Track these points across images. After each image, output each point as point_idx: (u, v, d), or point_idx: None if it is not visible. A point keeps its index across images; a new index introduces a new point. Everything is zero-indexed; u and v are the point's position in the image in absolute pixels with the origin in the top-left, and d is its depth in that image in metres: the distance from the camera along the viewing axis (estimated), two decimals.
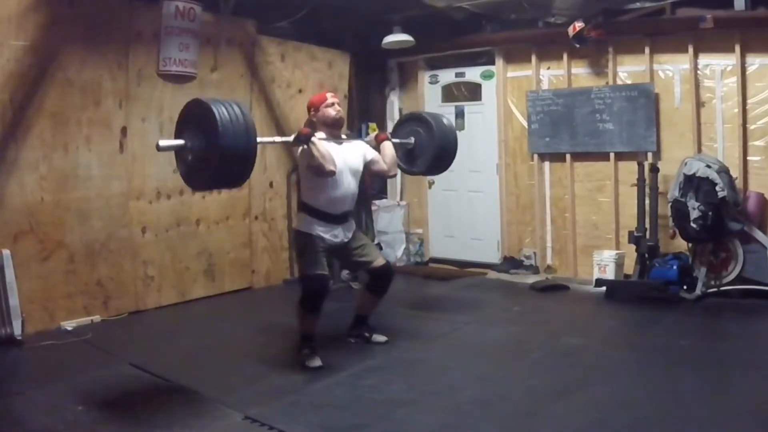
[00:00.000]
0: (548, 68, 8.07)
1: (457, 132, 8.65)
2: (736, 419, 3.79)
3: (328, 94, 5.20)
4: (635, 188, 7.09)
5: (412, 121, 5.93)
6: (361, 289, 5.73)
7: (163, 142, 4.16)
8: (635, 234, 7.03)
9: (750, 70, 6.80)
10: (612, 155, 7.58)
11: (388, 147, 5.36)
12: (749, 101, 6.80)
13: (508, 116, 8.41)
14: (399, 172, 6.63)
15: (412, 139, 5.75)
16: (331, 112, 5.09)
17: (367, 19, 8.23)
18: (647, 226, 6.97)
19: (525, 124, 8.21)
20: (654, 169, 6.99)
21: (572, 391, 4.33)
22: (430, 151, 5.72)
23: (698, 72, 7.07)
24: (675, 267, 6.74)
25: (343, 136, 5.34)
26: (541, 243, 8.23)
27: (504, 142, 8.44)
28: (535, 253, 8.27)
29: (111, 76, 6.26)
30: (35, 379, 4.71)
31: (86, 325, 6.00)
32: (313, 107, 5.15)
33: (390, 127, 9.37)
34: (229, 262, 7.41)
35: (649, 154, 7.31)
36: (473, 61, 8.67)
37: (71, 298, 6.02)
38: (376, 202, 8.72)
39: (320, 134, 4.98)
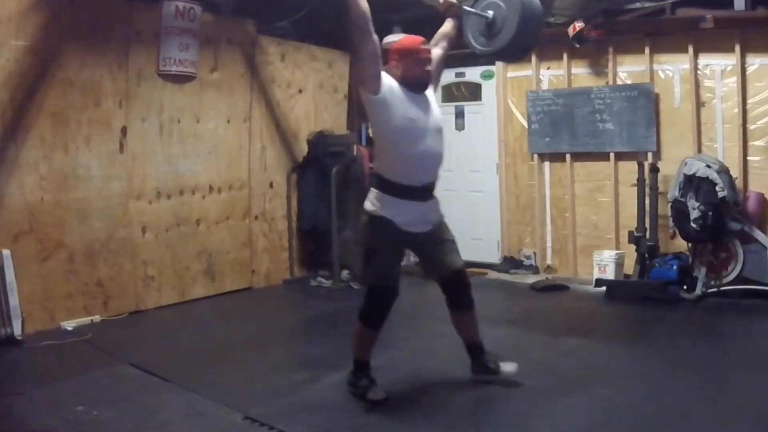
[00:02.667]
0: (548, 68, 8.07)
1: (457, 132, 8.80)
2: (736, 419, 3.78)
3: (422, 45, 4.21)
4: (635, 188, 7.09)
5: None
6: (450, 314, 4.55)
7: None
8: (635, 234, 7.03)
9: (750, 70, 6.80)
10: (612, 155, 7.58)
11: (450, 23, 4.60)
12: (749, 101, 6.81)
13: (508, 116, 8.41)
14: None
15: (491, 12, 4.54)
16: (419, 71, 4.13)
17: None
18: (647, 226, 6.97)
19: (525, 124, 8.21)
20: (654, 169, 6.99)
21: (572, 391, 4.33)
22: (513, 22, 4.44)
23: (698, 72, 7.07)
24: (675, 267, 6.74)
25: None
26: (541, 243, 8.23)
27: (504, 142, 8.44)
28: (535, 253, 8.27)
29: (111, 76, 6.25)
30: (35, 379, 4.70)
31: (86, 325, 5.99)
32: (397, 55, 4.20)
33: None
34: (229, 262, 7.41)
35: (649, 154, 7.31)
36: (473, 61, 8.61)
37: (71, 298, 6.02)
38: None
39: (392, 82, 4.09)
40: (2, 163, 5.56)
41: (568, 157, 7.90)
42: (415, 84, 4.11)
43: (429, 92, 4.26)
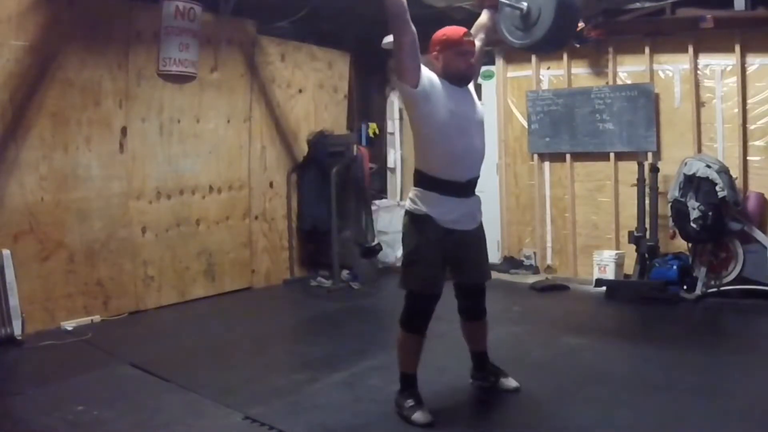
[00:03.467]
0: (548, 68, 8.07)
1: None
2: (736, 419, 3.78)
3: (465, 36, 3.98)
4: (635, 188, 7.09)
5: None
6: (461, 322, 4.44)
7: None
8: (635, 234, 7.03)
9: (750, 70, 6.80)
10: (612, 155, 7.58)
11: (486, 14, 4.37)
12: (749, 101, 6.81)
13: (508, 116, 8.41)
14: None
15: (525, 3, 4.31)
16: (461, 64, 3.94)
17: (366, 19, 8.21)
18: (647, 226, 6.97)
19: (525, 124, 8.21)
20: (654, 169, 6.99)
21: (572, 391, 4.33)
22: (549, 12, 4.23)
23: (698, 72, 7.07)
24: (675, 267, 6.75)
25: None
26: (541, 243, 8.23)
27: (504, 142, 8.44)
28: (535, 253, 8.27)
29: (111, 76, 6.25)
30: (35, 379, 4.70)
31: (86, 325, 5.99)
32: (439, 46, 4.02)
33: (389, 126, 9.44)
34: (229, 262, 7.41)
35: (649, 154, 7.31)
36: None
37: (71, 298, 6.02)
38: (376, 202, 8.71)
39: (432, 74, 3.93)
40: (2, 163, 5.56)
41: (568, 157, 7.90)
42: (457, 77, 3.93)
43: (470, 85, 4.11)
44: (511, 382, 4.36)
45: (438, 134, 3.82)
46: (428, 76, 3.85)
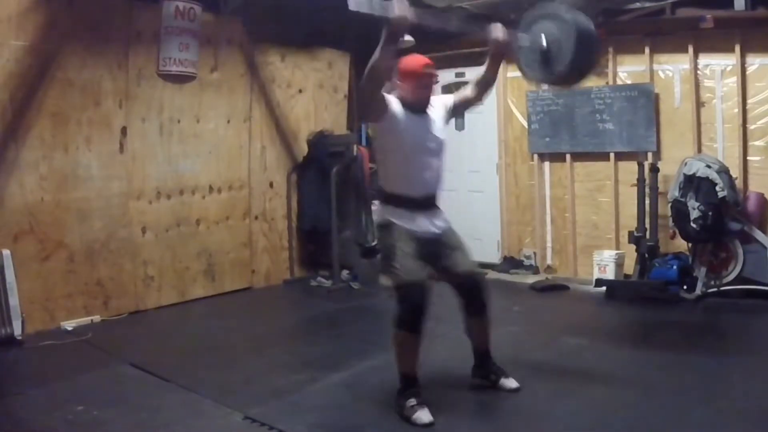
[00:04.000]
0: None
1: (457, 132, 8.80)
2: (735, 419, 3.79)
3: (425, 67, 4.22)
4: (635, 188, 7.09)
5: (536, 19, 4.56)
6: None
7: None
8: (635, 234, 7.03)
9: (750, 70, 6.79)
10: (612, 155, 7.58)
11: (495, 63, 4.54)
12: (749, 101, 6.80)
13: (508, 116, 8.41)
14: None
15: (544, 39, 4.35)
16: (424, 95, 4.21)
17: (366, 19, 8.20)
18: (647, 226, 6.96)
19: (525, 124, 8.21)
20: (654, 169, 6.98)
21: (572, 391, 4.33)
22: (569, 45, 4.25)
23: (698, 72, 7.06)
24: (675, 267, 6.75)
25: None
26: (541, 243, 8.23)
27: (504, 142, 8.44)
28: (535, 253, 8.27)
29: (111, 76, 6.25)
30: (35, 379, 4.70)
31: (86, 325, 6.00)
32: (401, 76, 4.21)
33: None
34: (229, 262, 7.41)
35: (649, 154, 7.31)
36: (473, 61, 8.62)
37: (71, 298, 6.02)
38: (376, 202, 8.66)
39: (395, 103, 4.10)
40: (2, 163, 5.57)
41: (568, 157, 7.90)
42: (416, 105, 4.15)
43: (435, 112, 4.33)
44: (511, 383, 4.36)
45: (395, 157, 4.14)
46: (392, 107, 4.06)
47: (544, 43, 4.34)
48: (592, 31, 4.40)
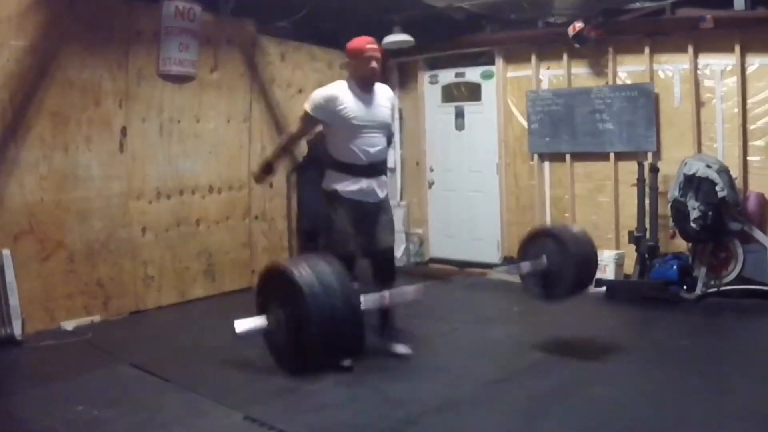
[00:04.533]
0: (548, 68, 8.07)
1: (457, 132, 8.80)
2: (735, 419, 3.78)
3: (368, 45, 4.79)
4: (635, 188, 7.09)
5: (538, 238, 5.00)
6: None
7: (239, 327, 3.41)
8: (635, 234, 7.03)
9: (750, 70, 6.80)
10: (612, 155, 7.58)
11: None
12: (749, 101, 6.80)
13: (508, 116, 8.41)
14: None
15: (545, 259, 4.80)
16: (366, 69, 4.76)
17: (366, 19, 8.22)
18: (647, 226, 6.97)
19: (525, 124, 8.21)
20: (654, 169, 6.99)
21: (572, 392, 4.34)
22: (569, 269, 4.71)
23: (698, 72, 7.07)
24: (675, 267, 6.74)
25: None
26: None
27: (504, 142, 8.44)
28: None
29: (111, 76, 6.25)
30: (35, 379, 4.70)
31: (86, 325, 5.99)
32: (350, 53, 4.83)
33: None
34: (229, 262, 7.41)
35: (649, 154, 7.31)
36: (473, 61, 8.67)
37: (71, 298, 6.02)
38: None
39: (338, 94, 4.73)
40: (2, 163, 5.56)
41: (568, 157, 7.90)
42: (363, 80, 4.79)
43: (381, 96, 4.96)
44: (401, 348, 5.01)
45: (342, 133, 4.74)
46: (331, 100, 4.72)
47: (544, 262, 4.80)
48: (592, 251, 4.96)
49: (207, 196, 7.18)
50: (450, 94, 8.99)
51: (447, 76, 8.96)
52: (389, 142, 5.08)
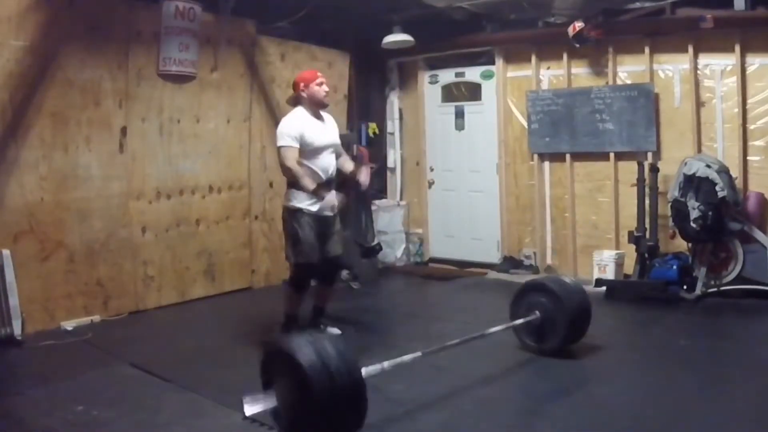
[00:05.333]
0: (548, 68, 8.07)
1: (457, 132, 8.80)
2: (735, 419, 3.79)
3: (319, 73, 5.39)
4: (635, 188, 7.10)
5: (532, 292, 5.15)
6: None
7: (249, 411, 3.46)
8: (635, 234, 7.04)
9: (750, 69, 6.81)
10: (612, 155, 7.58)
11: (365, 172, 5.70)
12: (749, 101, 6.81)
13: (508, 116, 8.41)
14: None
15: (537, 313, 4.98)
16: (321, 92, 5.30)
17: (366, 19, 8.23)
18: (647, 226, 6.97)
19: (525, 124, 8.21)
20: (654, 169, 6.99)
21: (572, 391, 4.34)
22: (562, 322, 4.89)
23: (698, 72, 7.07)
24: (675, 267, 6.75)
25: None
26: (541, 243, 8.23)
27: (504, 142, 8.44)
28: (535, 253, 8.27)
29: (111, 76, 6.25)
30: (35, 379, 4.70)
31: (86, 325, 5.99)
32: (303, 83, 5.29)
33: (389, 126, 9.44)
34: (228, 262, 7.41)
35: (649, 154, 7.31)
36: (473, 61, 8.67)
37: (71, 298, 6.02)
38: (376, 202, 8.71)
39: (301, 110, 5.29)
40: (2, 163, 5.56)
41: (567, 157, 7.90)
42: (318, 104, 5.32)
43: (330, 123, 5.47)
44: (335, 330, 5.62)
45: (304, 155, 5.21)
46: (299, 127, 5.19)
47: (537, 316, 4.97)
48: (585, 303, 5.07)
49: (207, 196, 7.18)
50: (450, 94, 8.99)
51: (447, 76, 8.96)
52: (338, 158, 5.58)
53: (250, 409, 3.45)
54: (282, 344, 3.47)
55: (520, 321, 4.98)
